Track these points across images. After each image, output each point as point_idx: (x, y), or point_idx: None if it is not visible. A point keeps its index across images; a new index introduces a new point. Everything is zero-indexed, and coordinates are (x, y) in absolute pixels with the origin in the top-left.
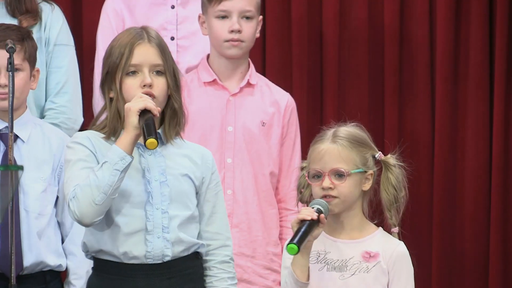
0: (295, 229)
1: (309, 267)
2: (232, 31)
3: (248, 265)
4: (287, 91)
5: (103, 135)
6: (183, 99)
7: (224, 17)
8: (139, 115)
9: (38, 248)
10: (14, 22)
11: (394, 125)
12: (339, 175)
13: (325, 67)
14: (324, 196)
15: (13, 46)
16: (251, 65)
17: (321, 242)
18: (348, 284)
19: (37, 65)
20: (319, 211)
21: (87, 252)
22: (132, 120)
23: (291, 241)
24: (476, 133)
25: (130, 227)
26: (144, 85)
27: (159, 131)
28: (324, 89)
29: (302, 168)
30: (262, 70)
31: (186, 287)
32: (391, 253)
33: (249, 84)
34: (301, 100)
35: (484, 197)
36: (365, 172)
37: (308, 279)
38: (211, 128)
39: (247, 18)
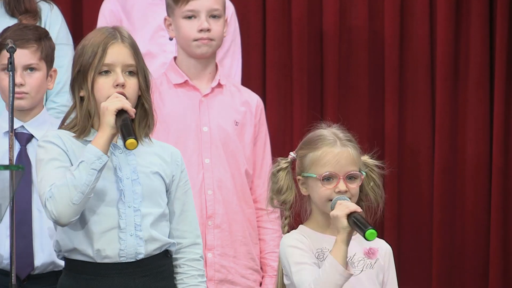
0: (344, 220)
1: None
2: (201, 30)
3: (231, 265)
4: (287, 91)
5: (73, 134)
6: (153, 101)
7: (192, 17)
8: (116, 115)
9: (50, 248)
10: (14, 21)
11: (394, 125)
12: (353, 177)
13: (325, 67)
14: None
15: (13, 46)
16: (219, 66)
17: (322, 240)
18: (361, 280)
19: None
20: None
21: (59, 251)
22: (109, 119)
23: (368, 228)
24: (476, 133)
25: (103, 225)
26: (116, 85)
27: None
28: (324, 89)
29: (279, 170)
30: (262, 70)
31: (158, 285)
32: (385, 250)
33: (219, 85)
34: (301, 100)
35: (484, 197)
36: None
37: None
38: (186, 130)
39: (215, 17)
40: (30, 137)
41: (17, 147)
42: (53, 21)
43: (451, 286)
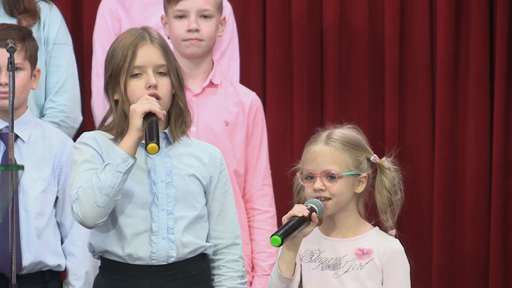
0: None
1: (295, 264)
2: (189, 31)
3: None
4: (287, 91)
5: (112, 136)
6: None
7: (182, 16)
8: (144, 118)
9: (37, 248)
10: (13, 21)
11: (394, 125)
12: (331, 177)
13: (325, 67)
14: (317, 198)
15: (13, 45)
16: (215, 65)
17: (315, 241)
18: (342, 281)
19: (37, 65)
20: (311, 210)
21: (93, 252)
22: (136, 122)
23: (275, 233)
24: (477, 133)
25: (135, 228)
26: (149, 86)
27: (166, 131)
28: (324, 89)
29: (298, 169)
30: (262, 70)
31: None
32: (385, 249)
33: (212, 84)
34: (301, 100)
35: (484, 197)
36: (358, 174)
37: (293, 275)
38: None
39: (205, 17)
40: (15, 137)
41: (1, 147)
42: (53, 20)
43: (451, 286)
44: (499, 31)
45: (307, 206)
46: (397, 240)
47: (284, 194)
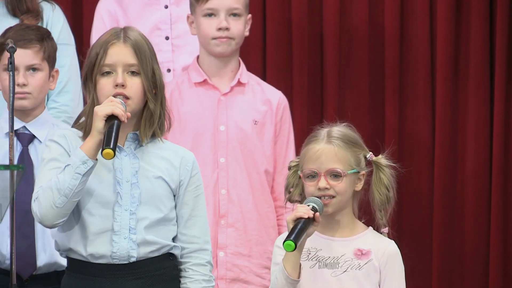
0: (291, 226)
1: (300, 265)
2: (219, 29)
3: (245, 264)
4: (287, 91)
5: (82, 134)
6: (168, 101)
7: (211, 15)
8: (106, 120)
9: (52, 248)
10: (16, 21)
11: (394, 125)
12: (335, 175)
13: (325, 67)
14: (320, 197)
15: (13, 46)
16: (242, 64)
17: (312, 239)
18: (341, 281)
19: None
20: (314, 209)
21: (59, 250)
22: (97, 124)
23: (288, 238)
24: (476, 133)
25: (97, 227)
26: (116, 85)
27: (137, 132)
28: (324, 89)
29: (289, 168)
30: (262, 70)
31: None
32: (383, 251)
33: (240, 83)
34: (301, 100)
35: (484, 197)
36: (358, 172)
37: (299, 276)
38: (203, 129)
39: (235, 15)
40: (32, 137)
41: (19, 147)
42: (55, 21)
43: (451, 286)
44: (499, 31)
45: (309, 206)
46: (393, 242)
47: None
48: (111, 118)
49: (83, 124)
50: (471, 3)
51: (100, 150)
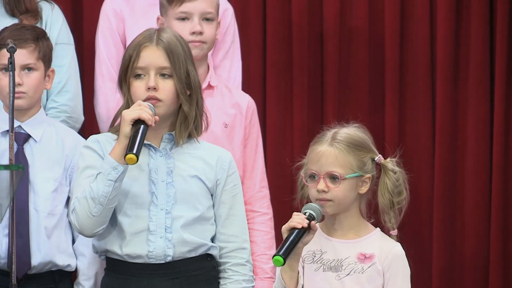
0: (285, 236)
1: (298, 274)
2: (193, 33)
3: None
4: (287, 91)
5: (116, 137)
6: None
7: (184, 18)
8: (133, 125)
9: (47, 247)
10: (14, 21)
11: (394, 125)
12: (334, 178)
13: (325, 67)
14: (318, 199)
15: (13, 46)
16: (211, 67)
17: (317, 241)
18: (344, 284)
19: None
20: (310, 217)
21: (96, 253)
22: (125, 129)
23: (277, 253)
24: (477, 133)
25: (133, 227)
26: (148, 88)
27: (173, 133)
28: (324, 89)
29: (298, 169)
30: (262, 70)
31: None
32: (386, 254)
33: (210, 86)
34: (301, 100)
35: (484, 197)
36: (362, 176)
37: (296, 286)
38: None
39: (208, 20)
40: (27, 137)
41: (14, 147)
42: (54, 20)
43: (451, 286)
44: (499, 31)
45: (305, 213)
46: (399, 244)
47: (285, 194)
48: (138, 122)
49: (118, 127)
50: (471, 3)
51: (124, 155)
